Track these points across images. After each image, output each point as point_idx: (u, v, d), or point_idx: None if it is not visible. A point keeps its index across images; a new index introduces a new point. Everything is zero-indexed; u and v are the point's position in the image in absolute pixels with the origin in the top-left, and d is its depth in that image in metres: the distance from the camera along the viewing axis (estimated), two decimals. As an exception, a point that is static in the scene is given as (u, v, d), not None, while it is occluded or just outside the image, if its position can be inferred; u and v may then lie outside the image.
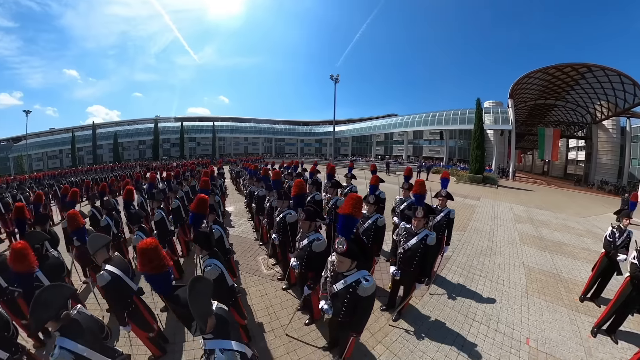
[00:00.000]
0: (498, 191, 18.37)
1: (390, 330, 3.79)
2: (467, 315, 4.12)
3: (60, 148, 48.71)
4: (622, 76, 23.10)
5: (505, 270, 5.78)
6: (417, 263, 3.56)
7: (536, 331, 3.86)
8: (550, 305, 4.53)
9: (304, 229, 3.52)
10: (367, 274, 2.52)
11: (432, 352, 3.45)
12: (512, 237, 8.08)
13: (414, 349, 3.48)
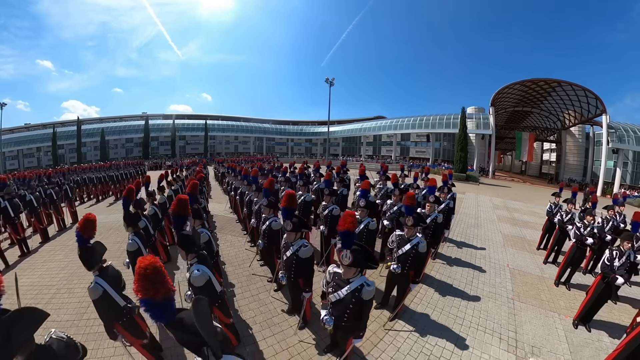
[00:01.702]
0: (479, 187, 21.87)
1: (385, 334, 3.95)
2: (470, 260, 6.89)
3: (38, 145, 45.57)
4: (586, 91, 27.51)
5: (489, 236, 8.78)
6: (409, 266, 3.86)
7: (512, 261, 6.82)
8: (519, 251, 7.56)
9: (289, 239, 3.62)
10: (366, 279, 2.72)
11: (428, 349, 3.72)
12: (492, 218, 11.22)
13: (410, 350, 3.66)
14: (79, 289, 5.14)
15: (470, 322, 4.32)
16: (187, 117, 53.79)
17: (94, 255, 3.06)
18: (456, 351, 3.68)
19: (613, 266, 4.04)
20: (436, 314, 4.49)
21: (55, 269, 6.01)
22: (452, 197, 7.08)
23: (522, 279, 5.90)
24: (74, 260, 6.10)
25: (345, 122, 55.11)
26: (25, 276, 5.64)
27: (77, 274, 5.66)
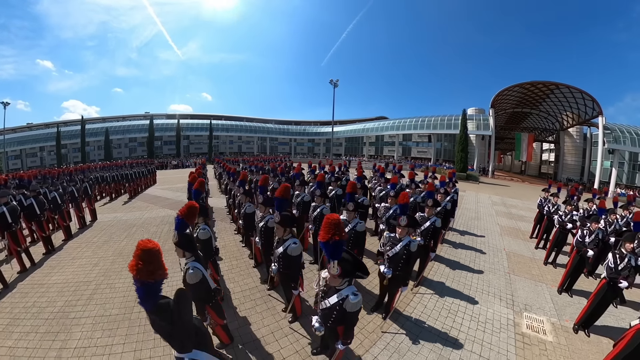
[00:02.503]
0: (479, 186, 23.09)
1: (379, 338, 3.96)
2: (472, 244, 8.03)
3: (41, 145, 46.19)
4: (583, 94, 28.81)
5: (488, 226, 9.95)
6: (401, 267, 3.82)
7: (508, 246, 7.97)
8: (514, 239, 8.72)
9: (279, 234, 3.69)
10: (355, 289, 2.57)
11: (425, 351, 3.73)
12: (490, 212, 12.40)
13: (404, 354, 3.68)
14: (119, 284, 5.37)
15: (476, 288, 5.47)
16: (191, 117, 54.61)
17: (193, 241, 3.29)
18: (469, 307, 4.82)
19: (617, 269, 4.06)
20: (449, 282, 5.65)
21: (87, 265, 6.21)
22: (455, 191, 8.13)
23: (516, 260, 7.06)
24: (105, 257, 6.61)
25: (347, 122, 56.30)
26: (56, 273, 5.83)
27: (112, 269, 5.98)
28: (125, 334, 4.03)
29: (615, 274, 4.06)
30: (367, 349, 3.76)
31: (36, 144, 46.81)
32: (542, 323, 4.52)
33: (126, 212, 11.01)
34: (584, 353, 3.90)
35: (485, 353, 3.77)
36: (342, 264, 2.45)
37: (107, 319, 4.42)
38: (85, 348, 3.78)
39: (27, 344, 3.82)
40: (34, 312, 4.55)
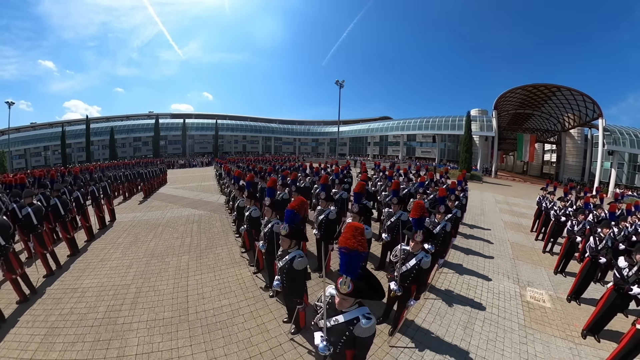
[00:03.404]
0: (483, 185, 24.33)
1: (389, 350, 3.89)
2: (480, 236, 9.16)
3: (45, 144, 46.72)
4: (584, 96, 29.98)
5: (493, 221, 11.14)
6: (411, 281, 3.72)
7: (511, 238, 9.14)
8: (516, 232, 9.91)
9: (284, 246, 3.56)
10: (368, 310, 2.26)
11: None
12: (494, 209, 13.68)
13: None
14: (162, 286, 5.34)
15: (488, 269, 6.67)
16: (195, 117, 55.56)
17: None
18: (485, 282, 6.02)
19: (625, 276, 4.02)
20: (465, 264, 6.86)
21: (120, 268, 6.15)
22: (464, 195, 8.81)
23: (519, 249, 8.25)
24: (136, 258, 6.60)
25: (351, 122, 57.48)
26: (87, 277, 5.75)
27: (150, 272, 5.94)
28: (189, 336, 4.03)
29: (623, 282, 4.12)
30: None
31: (40, 144, 47.35)
32: (542, 295, 5.69)
33: (145, 211, 11.11)
34: (575, 315, 5.05)
35: (502, 314, 4.96)
36: (354, 282, 2.10)
37: (162, 322, 4.34)
38: (148, 354, 3.70)
39: (77, 355, 3.66)
40: (73, 319, 4.39)
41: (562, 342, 4.29)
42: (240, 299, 4.96)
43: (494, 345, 4.14)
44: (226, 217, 9.89)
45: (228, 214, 10.12)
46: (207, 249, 7.19)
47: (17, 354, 3.68)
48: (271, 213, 4.58)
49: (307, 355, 3.71)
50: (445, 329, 4.41)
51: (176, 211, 11.02)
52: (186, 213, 10.68)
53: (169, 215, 10.33)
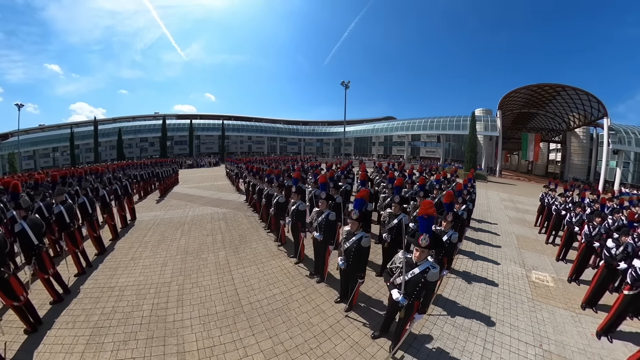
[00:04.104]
0: (488, 185, 25.11)
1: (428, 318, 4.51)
2: (488, 229, 9.96)
3: (54, 145, 48.14)
4: (589, 95, 30.54)
5: (499, 217, 11.99)
6: (416, 295, 3.33)
7: (516, 231, 9.95)
8: (521, 226, 10.76)
9: (353, 228, 4.14)
10: (432, 263, 3.17)
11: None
12: (500, 206, 14.55)
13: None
14: (206, 282, 5.52)
15: (497, 256, 7.52)
16: (200, 117, 56.71)
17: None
18: (495, 266, 6.89)
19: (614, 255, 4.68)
20: (477, 252, 7.73)
21: (154, 266, 6.25)
22: (470, 199, 9.08)
23: (523, 240, 9.09)
24: (170, 256, 6.78)
25: (355, 122, 58.45)
26: (121, 275, 5.81)
27: (188, 268, 6.12)
28: (249, 326, 4.24)
29: (612, 260, 4.79)
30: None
31: (49, 145, 48.77)
32: (546, 276, 6.53)
33: (165, 210, 11.37)
34: (574, 293, 5.85)
35: (512, 290, 5.82)
36: (430, 238, 3.12)
37: (216, 316, 4.48)
38: (210, 348, 3.83)
39: (132, 354, 3.71)
40: (118, 318, 4.43)
41: (564, 312, 5.13)
42: (290, 287, 5.38)
43: (509, 312, 5.00)
44: (251, 215, 10.42)
45: (252, 212, 10.77)
46: (241, 244, 7.53)
47: (63, 357, 3.64)
48: (325, 204, 5.19)
49: (363, 327, 4.27)
50: (468, 300, 5.29)
51: (198, 210, 11.33)
52: (209, 211, 11.01)
53: (191, 214, 10.64)
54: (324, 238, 5.06)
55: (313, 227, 5.20)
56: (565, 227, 7.41)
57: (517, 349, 4.06)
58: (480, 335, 4.29)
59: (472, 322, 4.61)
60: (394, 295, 3.36)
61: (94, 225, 6.85)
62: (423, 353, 3.85)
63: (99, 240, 7.00)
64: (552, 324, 4.72)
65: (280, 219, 6.96)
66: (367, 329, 4.25)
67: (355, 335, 4.05)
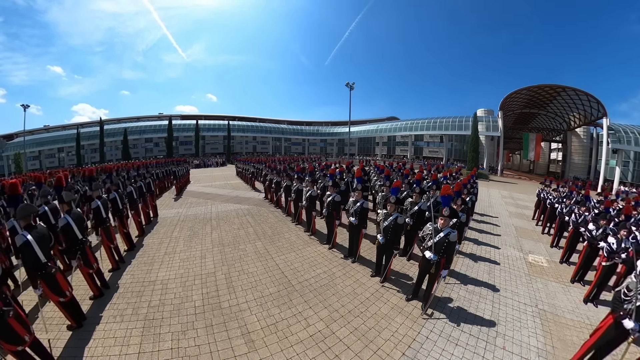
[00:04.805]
0: (489, 183, 26.38)
1: (445, 286, 5.64)
2: (489, 221, 11.16)
3: (60, 146, 49.14)
4: (588, 96, 31.66)
5: (500, 212, 13.21)
6: (442, 253, 4.54)
7: (515, 224, 11.12)
8: (520, 219, 11.93)
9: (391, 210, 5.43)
10: (451, 229, 4.53)
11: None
12: (501, 203, 15.78)
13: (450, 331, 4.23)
14: (251, 269, 6.07)
15: (498, 243, 8.71)
16: (205, 118, 57.64)
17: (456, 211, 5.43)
18: (496, 250, 8.06)
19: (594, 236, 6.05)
20: (481, 239, 8.94)
21: (192, 259, 6.60)
22: (471, 199, 9.91)
23: (522, 230, 10.28)
24: (206, 249, 7.21)
25: (359, 122, 59.58)
26: (160, 270, 6.04)
27: (229, 259, 6.60)
28: (304, 301, 4.93)
29: (593, 240, 5.97)
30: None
31: (54, 145, 49.71)
32: (541, 259, 7.69)
33: (186, 207, 11.78)
34: (565, 272, 6.98)
35: (512, 267, 7.00)
36: (450, 210, 4.66)
37: (271, 297, 5.01)
38: (274, 324, 4.33)
39: (195, 341, 3.94)
40: (169, 309, 4.62)
41: (556, 284, 6.28)
42: (330, 267, 6.26)
43: (510, 283, 6.18)
44: (274, 210, 11.18)
45: (274, 207, 11.54)
46: (275, 235, 8.21)
47: (119, 350, 3.77)
48: (360, 194, 6.38)
49: (398, 293, 5.35)
50: (475, 273, 6.49)
51: (220, 206, 11.83)
52: (232, 208, 11.57)
53: (215, 210, 11.12)
54: (358, 223, 6.16)
55: (349, 214, 6.30)
56: (557, 218, 8.61)
57: (518, 307, 5.22)
58: (489, 298, 5.45)
59: (481, 289, 5.78)
60: (427, 254, 4.54)
61: (124, 221, 6.95)
62: (446, 310, 4.96)
63: (129, 236, 7.10)
64: (546, 292, 5.88)
65: (312, 211, 8.12)
66: (401, 294, 5.36)
67: (393, 300, 5.17)
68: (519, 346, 4.18)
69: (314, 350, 3.82)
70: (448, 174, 12.24)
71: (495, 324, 4.65)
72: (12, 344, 2.97)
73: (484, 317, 4.82)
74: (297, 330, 4.23)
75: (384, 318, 4.61)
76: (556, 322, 4.87)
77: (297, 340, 4.01)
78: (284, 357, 3.71)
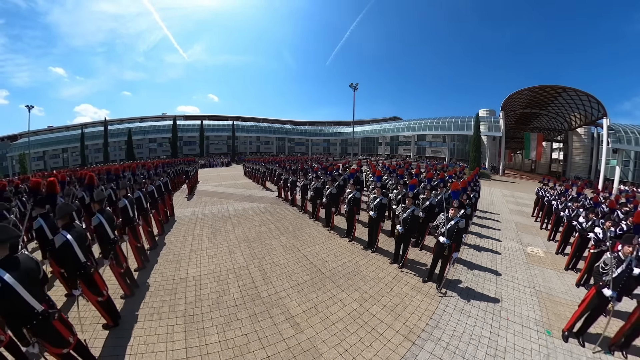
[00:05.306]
0: (491, 182, 27.33)
1: (455, 271, 6.56)
2: (491, 218, 12.07)
3: (64, 146, 50.10)
4: (589, 96, 32.49)
5: (501, 209, 14.15)
6: (453, 238, 5.44)
7: (515, 220, 12.02)
8: (520, 216, 12.85)
9: (408, 203, 6.37)
10: (460, 218, 5.48)
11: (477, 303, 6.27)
12: (502, 201, 16.70)
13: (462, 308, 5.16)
14: (282, 261, 6.67)
15: (499, 236, 9.60)
16: (208, 118, 58.61)
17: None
18: (497, 242, 8.96)
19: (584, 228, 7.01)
20: (483, 232, 9.84)
21: (221, 254, 7.03)
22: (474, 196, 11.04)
23: (521, 226, 11.18)
24: (233, 245, 7.66)
25: (362, 122, 60.67)
26: (189, 266, 6.34)
27: (258, 253, 7.12)
28: (337, 286, 5.65)
29: (583, 231, 6.91)
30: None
31: (59, 146, 50.67)
32: (538, 250, 8.58)
33: (202, 206, 12.20)
34: (560, 261, 7.85)
35: (512, 257, 7.89)
36: (459, 202, 6.00)
37: (305, 285, 5.60)
38: (314, 306, 4.88)
39: (242, 330, 4.25)
40: (207, 304, 4.88)
41: (551, 271, 7.18)
42: (353, 257, 7.05)
43: (510, 269, 7.08)
44: (290, 208, 11.88)
45: (289, 205, 12.23)
46: (296, 231, 8.87)
47: (165, 346, 3.90)
48: (380, 191, 7.36)
49: (415, 277, 6.25)
50: (480, 261, 7.39)
51: (236, 205, 12.37)
52: (248, 206, 12.06)
53: (231, 209, 11.61)
54: (377, 216, 7.10)
55: (370, 208, 7.26)
56: (554, 213, 9.51)
57: (518, 288, 6.10)
58: (492, 280, 6.35)
59: (485, 274, 6.68)
60: (441, 239, 5.50)
61: (148, 220, 7.04)
62: (457, 289, 5.84)
63: (152, 235, 7.22)
64: (542, 277, 6.76)
65: (332, 207, 9.00)
66: (418, 277, 6.26)
67: (412, 282, 6.05)
68: (520, 317, 5.06)
69: (353, 326, 4.49)
70: (453, 173, 13.33)
71: (499, 301, 5.53)
72: (57, 347, 2.93)
73: (489, 295, 5.71)
74: (335, 311, 4.85)
75: (407, 296, 5.46)
76: (551, 300, 5.75)
77: (338, 319, 4.63)
78: (329, 334, 4.27)
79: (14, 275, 2.61)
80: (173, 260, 6.60)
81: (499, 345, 4.28)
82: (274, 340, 4.09)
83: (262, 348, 3.95)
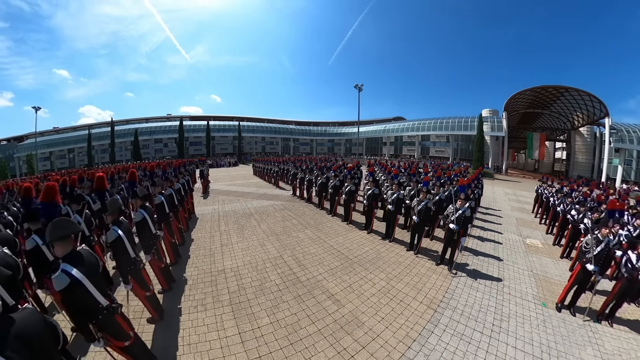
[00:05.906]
0: (494, 182, 28.43)
1: (462, 258, 7.43)
2: (494, 214, 13.11)
3: (70, 147, 50.95)
4: (591, 96, 33.32)
5: (503, 206, 15.17)
6: (461, 224, 6.53)
7: (516, 216, 13.06)
8: (521, 213, 13.88)
9: (422, 197, 7.45)
10: (467, 208, 6.61)
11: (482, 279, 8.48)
12: (504, 199, 17.70)
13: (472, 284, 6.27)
14: (313, 250, 7.44)
15: (501, 229, 10.61)
16: (213, 119, 59.53)
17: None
18: (499, 235, 9.92)
19: (576, 220, 9.18)
20: (486, 226, 10.81)
21: (253, 247, 7.63)
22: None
23: (522, 221, 12.20)
24: (262, 238, 8.27)
25: (366, 122, 61.62)
26: (224, 259, 6.79)
27: (288, 244, 7.82)
28: (365, 269, 6.47)
29: (576, 222, 8.05)
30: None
31: (65, 146, 51.61)
32: (536, 242, 9.59)
33: (221, 204, 12.73)
34: (556, 251, 8.84)
35: (512, 247, 8.88)
36: (465, 194, 7.06)
37: (337, 269, 6.42)
38: (349, 286, 5.71)
39: (291, 310, 4.83)
40: (252, 291, 5.40)
41: (548, 259, 8.18)
42: (374, 245, 7.97)
43: (511, 256, 8.08)
44: (306, 205, 12.67)
45: (306, 203, 13.01)
46: (318, 225, 9.57)
47: (217, 335, 4.20)
48: (397, 187, 8.58)
49: (429, 260, 7.22)
50: (483, 249, 8.42)
51: (254, 203, 12.95)
52: (266, 204, 12.70)
53: (251, 206, 12.19)
54: (394, 209, 8.16)
55: (388, 202, 8.33)
56: (551, 208, 10.56)
57: (518, 271, 7.12)
58: (495, 265, 7.38)
59: (489, 259, 7.71)
60: (451, 226, 6.56)
61: (179, 217, 7.31)
62: (465, 271, 6.86)
63: (181, 231, 7.48)
64: (539, 263, 7.78)
65: (351, 203, 10.06)
66: (432, 261, 7.30)
67: (427, 265, 7.10)
68: (520, 292, 6.10)
69: (385, 299, 5.40)
70: (458, 172, 14.51)
71: (502, 280, 6.58)
72: (120, 340, 3.10)
73: (493, 276, 6.75)
74: (367, 288, 5.71)
75: (424, 276, 6.52)
76: (547, 280, 6.78)
77: (371, 294, 5.51)
78: (366, 306, 5.10)
79: (81, 270, 2.66)
80: (206, 254, 7.02)
81: (504, 313, 5.30)
82: (321, 316, 4.77)
83: (312, 323, 4.57)
